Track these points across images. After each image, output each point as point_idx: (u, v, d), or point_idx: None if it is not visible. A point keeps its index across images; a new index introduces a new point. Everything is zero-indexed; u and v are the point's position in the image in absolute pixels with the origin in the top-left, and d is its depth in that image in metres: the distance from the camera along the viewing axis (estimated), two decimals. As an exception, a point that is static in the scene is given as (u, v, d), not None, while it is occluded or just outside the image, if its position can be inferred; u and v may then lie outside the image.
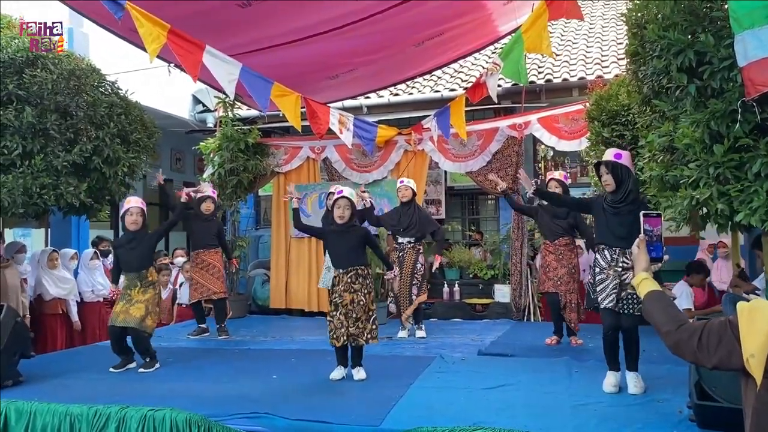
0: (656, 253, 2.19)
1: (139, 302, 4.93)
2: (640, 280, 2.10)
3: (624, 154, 4.00)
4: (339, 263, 4.54)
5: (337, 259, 4.57)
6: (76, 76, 5.76)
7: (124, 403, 3.77)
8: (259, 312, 9.07)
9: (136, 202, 5.09)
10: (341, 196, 4.49)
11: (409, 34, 6.88)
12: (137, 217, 5.02)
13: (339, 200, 4.50)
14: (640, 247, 2.17)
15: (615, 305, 3.92)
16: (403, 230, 6.28)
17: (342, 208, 4.48)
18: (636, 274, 2.13)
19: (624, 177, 3.94)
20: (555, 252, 5.80)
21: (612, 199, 4.00)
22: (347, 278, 4.45)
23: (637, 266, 2.15)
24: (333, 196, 5.03)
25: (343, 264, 4.50)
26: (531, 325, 7.48)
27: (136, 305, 4.92)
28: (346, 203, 4.49)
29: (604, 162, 3.99)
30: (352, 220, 4.56)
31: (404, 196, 6.32)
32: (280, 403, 3.78)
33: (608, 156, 4.01)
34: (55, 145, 5.57)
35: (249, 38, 6.37)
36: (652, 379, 4.10)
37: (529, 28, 5.49)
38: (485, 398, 3.92)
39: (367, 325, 4.45)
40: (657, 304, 1.99)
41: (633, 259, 2.19)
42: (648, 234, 2.21)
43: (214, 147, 8.36)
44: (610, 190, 4.01)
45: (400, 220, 6.31)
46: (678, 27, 3.20)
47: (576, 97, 8.29)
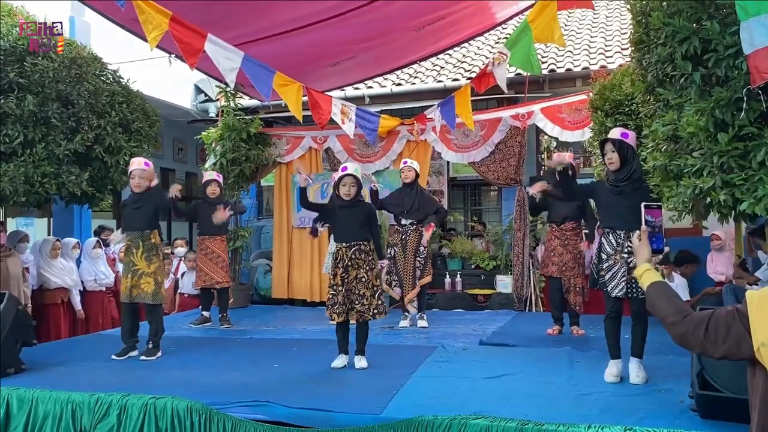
0: (657, 245, 2.18)
1: (146, 275, 4.97)
2: (642, 271, 2.08)
3: (630, 134, 3.98)
4: (343, 237, 4.55)
5: (342, 233, 4.58)
6: (78, 65, 5.74)
7: (125, 391, 3.77)
8: (261, 302, 9.08)
9: (138, 164, 5.05)
10: (346, 174, 4.50)
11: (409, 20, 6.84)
12: (139, 180, 5.00)
13: (345, 177, 4.50)
14: (642, 239, 2.16)
15: (625, 293, 3.91)
16: (407, 212, 6.26)
17: (348, 185, 4.49)
18: (638, 265, 2.12)
19: (629, 156, 3.92)
20: (561, 237, 5.78)
21: (615, 178, 3.97)
22: (350, 253, 4.47)
23: (638, 257, 2.14)
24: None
25: (347, 238, 4.52)
26: (533, 315, 7.47)
27: (145, 279, 4.96)
28: (352, 180, 4.50)
29: (610, 139, 3.96)
30: (358, 196, 4.57)
31: (407, 177, 6.29)
32: (282, 392, 3.78)
33: (615, 134, 3.98)
34: (56, 134, 5.57)
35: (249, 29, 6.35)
36: (655, 369, 4.10)
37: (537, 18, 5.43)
38: (487, 388, 3.91)
39: (373, 301, 4.46)
40: (661, 295, 1.98)
41: (634, 250, 2.18)
42: (649, 225, 2.20)
43: (215, 137, 8.34)
44: (614, 169, 3.97)
45: (404, 201, 6.28)
46: (683, 14, 3.16)
47: (579, 87, 8.26)
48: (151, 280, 4.97)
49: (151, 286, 4.96)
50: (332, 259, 4.62)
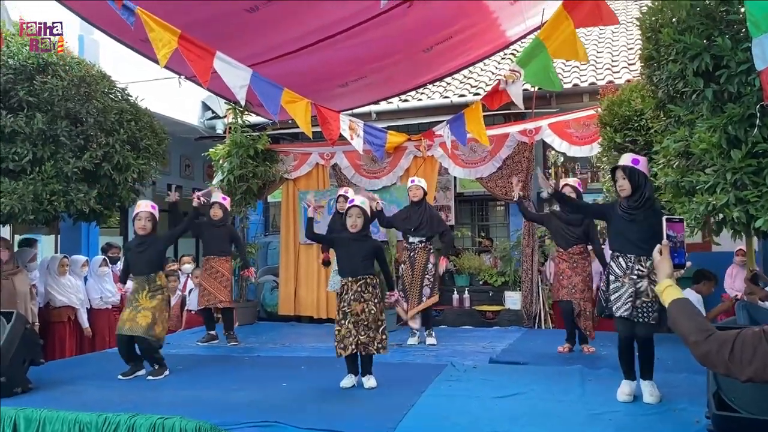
0: (679, 260, 2.13)
1: (145, 309, 4.89)
2: (664, 287, 2.03)
3: (641, 159, 3.93)
4: (348, 271, 4.49)
5: (347, 267, 4.52)
6: (87, 83, 5.77)
7: (133, 410, 3.74)
8: (267, 318, 9.05)
9: (145, 206, 5.05)
10: (353, 205, 4.47)
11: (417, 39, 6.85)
12: (146, 222, 4.98)
13: (351, 209, 4.47)
14: (663, 253, 2.10)
15: (630, 314, 3.85)
16: (414, 230, 6.24)
17: (354, 217, 4.45)
18: (659, 281, 2.07)
19: (640, 183, 3.87)
20: (569, 260, 5.73)
21: (628, 206, 3.93)
22: (356, 287, 4.41)
23: (660, 273, 2.08)
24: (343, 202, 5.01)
25: (353, 272, 4.46)
26: (542, 332, 7.41)
27: (143, 312, 4.88)
28: (358, 212, 4.46)
29: (621, 167, 3.92)
30: (364, 229, 4.52)
31: (415, 195, 6.28)
32: (291, 412, 3.74)
33: (625, 161, 3.93)
34: (65, 152, 5.58)
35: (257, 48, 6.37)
36: (668, 388, 4.03)
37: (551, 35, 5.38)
38: (498, 407, 3.86)
39: (377, 335, 4.40)
40: (683, 312, 1.92)
41: (655, 266, 2.13)
42: (671, 240, 2.15)
43: (223, 153, 8.36)
44: (625, 195, 3.94)
45: (411, 218, 6.26)
46: (694, 30, 3.16)
47: (587, 102, 8.24)
48: (149, 313, 4.86)
49: (147, 319, 4.84)
50: (336, 293, 4.56)
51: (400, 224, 6.38)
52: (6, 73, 5.38)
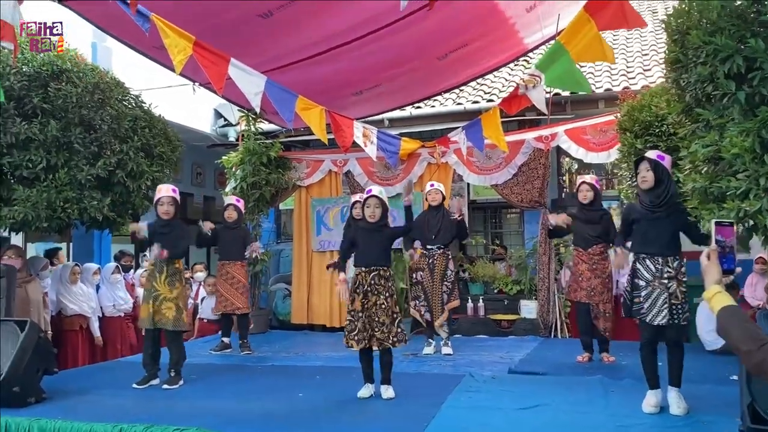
0: (728, 265, 2.04)
1: (167, 300, 4.88)
2: (713, 293, 1.93)
3: (667, 157, 3.86)
4: (363, 260, 4.44)
5: (363, 257, 4.46)
6: (101, 90, 5.74)
7: (149, 421, 3.68)
8: (279, 327, 8.97)
9: (167, 190, 5.04)
10: (371, 195, 4.43)
11: (432, 47, 6.79)
12: (168, 206, 4.98)
13: (369, 199, 4.42)
14: (711, 258, 2.01)
15: (668, 321, 3.76)
16: (434, 237, 6.15)
17: (372, 207, 4.41)
18: (707, 287, 1.98)
19: (663, 177, 3.79)
20: (588, 261, 5.63)
21: (650, 202, 3.83)
22: (370, 278, 4.35)
23: (707, 278, 1.99)
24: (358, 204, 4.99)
25: (367, 262, 4.40)
26: (559, 341, 7.29)
27: (166, 304, 4.87)
28: (377, 202, 4.42)
29: (647, 158, 3.83)
30: (382, 219, 4.47)
31: (434, 200, 6.20)
32: (308, 423, 3.68)
33: (650, 155, 3.86)
34: (79, 159, 5.54)
35: (271, 55, 6.34)
36: (694, 399, 3.92)
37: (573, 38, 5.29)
38: (521, 419, 3.77)
39: (392, 329, 4.33)
40: (734, 320, 1.83)
41: (702, 271, 2.04)
42: (720, 244, 2.06)
43: (236, 161, 8.32)
44: (646, 188, 3.82)
45: (429, 225, 6.17)
46: (725, 32, 3.07)
47: (602, 108, 8.15)
48: (173, 305, 4.89)
49: (172, 311, 4.88)
50: (351, 284, 4.50)
51: (418, 233, 6.31)
52: (20, 80, 5.36)
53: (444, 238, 6.17)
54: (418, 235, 6.27)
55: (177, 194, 5.07)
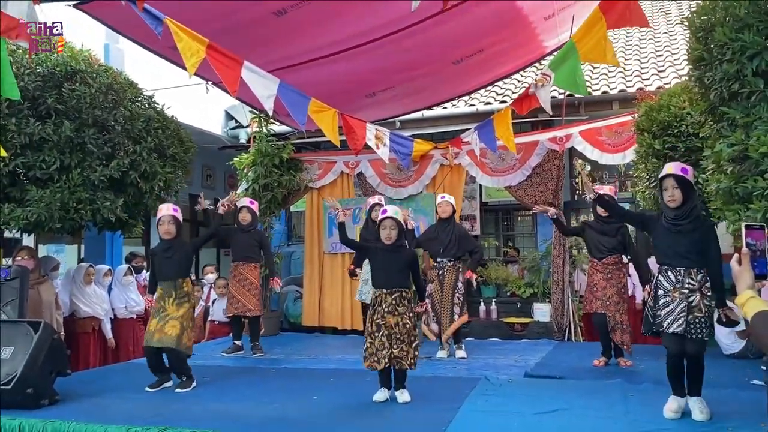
0: (760, 269, 1.97)
1: (173, 319, 4.79)
2: (746, 298, 1.87)
3: (689, 169, 3.77)
4: (383, 283, 4.36)
5: (381, 279, 4.39)
6: (114, 90, 5.73)
7: (162, 424, 3.64)
8: (290, 329, 8.94)
9: (167, 210, 4.95)
10: (387, 217, 4.34)
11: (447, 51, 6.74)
12: (169, 226, 4.89)
13: (385, 221, 4.35)
14: (743, 263, 1.95)
15: (684, 330, 3.66)
16: (443, 250, 6.09)
17: (388, 228, 4.34)
18: (740, 293, 1.92)
19: (690, 193, 3.72)
20: (603, 271, 5.54)
21: (675, 216, 3.76)
22: (391, 299, 4.27)
23: (740, 284, 1.93)
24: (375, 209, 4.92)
25: (387, 284, 4.32)
26: (574, 345, 7.21)
27: (171, 322, 4.78)
28: (392, 223, 4.34)
29: (674, 175, 3.73)
30: (399, 240, 4.39)
31: (444, 212, 6.14)
32: (324, 427, 3.62)
33: (675, 170, 3.75)
34: (92, 160, 5.53)
35: (284, 54, 6.30)
36: (716, 405, 3.83)
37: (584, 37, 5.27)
38: (540, 424, 3.70)
39: (410, 350, 4.26)
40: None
41: (734, 276, 1.97)
42: (751, 248, 1.99)
43: (248, 162, 8.31)
44: (675, 206, 3.76)
45: (440, 237, 6.12)
46: (752, 28, 3.00)
47: (616, 109, 8.08)
48: (177, 323, 4.77)
49: (175, 329, 4.74)
50: (370, 305, 4.43)
51: (429, 245, 6.25)
52: (34, 80, 5.35)
53: (454, 251, 6.11)
54: (428, 248, 6.22)
55: (178, 213, 4.97)
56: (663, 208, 3.89)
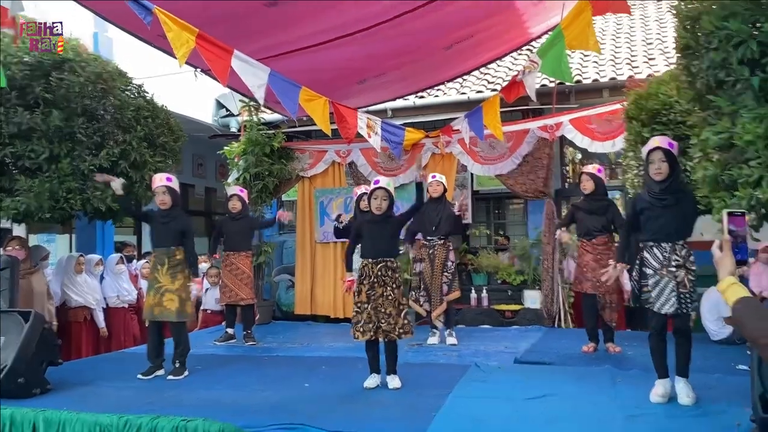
0: (742, 256, 2.00)
1: (169, 291, 4.85)
2: (727, 285, 1.89)
3: (675, 144, 3.84)
4: (370, 252, 4.41)
5: (369, 249, 4.44)
6: (103, 79, 5.68)
7: (155, 412, 3.65)
8: (283, 318, 8.97)
9: (161, 180, 4.95)
10: (378, 187, 4.39)
11: (438, 37, 6.74)
12: (164, 196, 4.91)
13: (377, 191, 4.38)
14: (725, 249, 1.97)
15: (676, 309, 3.73)
16: (435, 228, 6.13)
17: (380, 199, 4.37)
18: (721, 279, 1.94)
19: (675, 166, 3.78)
20: (593, 252, 5.59)
21: (660, 190, 3.80)
22: (377, 270, 4.33)
23: (721, 270, 1.95)
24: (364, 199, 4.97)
25: (374, 254, 4.38)
26: (564, 331, 7.26)
27: (167, 296, 4.85)
28: (384, 194, 4.39)
29: (661, 148, 3.78)
30: (389, 210, 4.44)
31: (435, 191, 6.16)
32: (316, 414, 3.64)
33: (663, 143, 3.82)
34: (82, 149, 5.49)
35: (275, 41, 6.28)
36: (702, 389, 3.90)
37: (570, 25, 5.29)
38: (530, 409, 3.74)
39: (398, 320, 4.31)
40: (750, 311, 1.79)
41: (715, 262, 2.00)
42: (733, 234, 2.02)
43: (238, 151, 8.29)
44: (661, 179, 3.80)
45: (430, 217, 6.14)
46: (739, 16, 3.02)
47: (606, 98, 8.10)
48: (175, 296, 4.86)
49: (174, 303, 4.86)
50: (357, 275, 4.48)
51: (419, 225, 6.27)
52: (22, 69, 5.30)
53: (444, 230, 6.14)
54: (419, 227, 6.25)
55: (173, 182, 4.98)
56: (647, 183, 3.93)
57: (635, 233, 4.10)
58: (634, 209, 4.07)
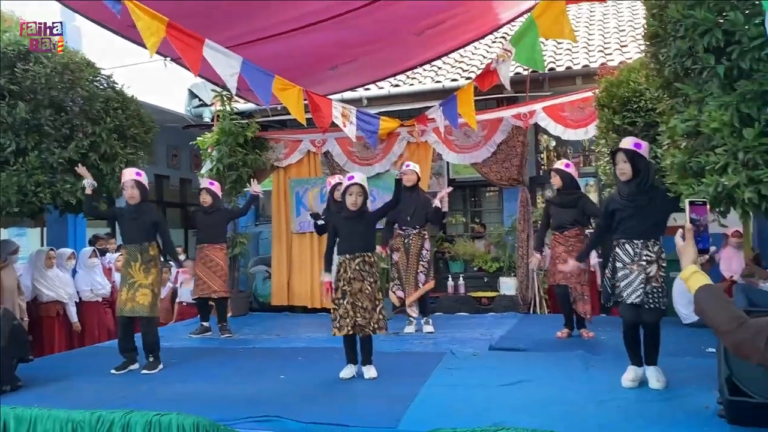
0: (703, 244, 2.02)
1: (143, 287, 4.81)
2: (689, 273, 1.91)
3: (643, 144, 3.86)
4: (347, 248, 4.42)
5: (346, 245, 4.45)
6: (71, 70, 5.56)
7: (128, 407, 3.63)
8: (260, 309, 8.92)
9: (130, 174, 4.94)
10: (354, 183, 4.39)
11: (410, 23, 6.70)
12: (132, 190, 4.88)
13: (351, 187, 4.39)
14: (687, 238, 1.99)
15: (641, 300, 3.77)
16: (410, 218, 6.13)
17: (355, 195, 4.38)
18: (684, 267, 1.96)
19: (641, 167, 3.80)
20: (565, 244, 5.65)
21: (629, 192, 3.85)
22: (354, 264, 4.35)
23: (684, 259, 1.97)
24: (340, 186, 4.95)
25: (351, 249, 4.39)
26: (538, 317, 7.35)
27: (141, 290, 4.80)
28: (359, 190, 4.39)
29: (623, 150, 3.84)
30: (364, 206, 4.46)
31: (409, 180, 6.15)
32: (291, 405, 3.64)
33: (627, 144, 3.86)
34: (49, 142, 5.39)
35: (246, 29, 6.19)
36: (673, 373, 3.98)
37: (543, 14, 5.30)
38: (503, 395, 3.79)
39: (374, 315, 4.33)
40: (712, 299, 1.81)
41: (678, 251, 2.02)
42: (695, 223, 2.04)
43: (212, 142, 8.19)
44: (625, 180, 3.86)
45: (404, 206, 6.13)
46: (704, 5, 3.04)
47: (580, 85, 8.14)
48: (148, 291, 4.82)
49: (147, 297, 4.81)
50: (336, 271, 4.48)
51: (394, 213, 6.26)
52: (-15, 60, 5.19)
53: (419, 219, 6.16)
54: (394, 216, 6.25)
55: (142, 177, 4.95)
56: (617, 184, 3.98)
57: (608, 234, 4.11)
58: (606, 210, 4.11)
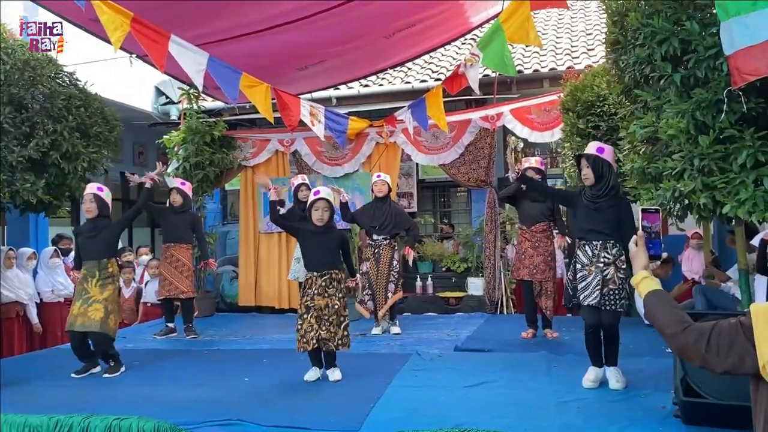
0: (655, 251, 2.09)
1: (97, 302, 4.67)
2: (640, 278, 1.98)
3: (607, 148, 3.92)
4: (313, 266, 4.38)
5: (312, 261, 4.41)
6: (31, 67, 5.45)
7: (87, 411, 3.56)
8: (227, 310, 8.84)
9: (90, 188, 4.87)
10: (320, 198, 4.35)
11: (380, 25, 6.73)
12: (90, 204, 4.79)
13: (317, 202, 4.35)
14: (639, 245, 2.05)
15: (598, 302, 3.84)
16: (379, 227, 6.14)
17: (321, 210, 4.35)
18: (635, 272, 2.02)
19: (605, 172, 3.87)
20: (531, 239, 5.73)
21: (592, 194, 3.92)
22: (321, 281, 4.31)
23: (636, 264, 2.03)
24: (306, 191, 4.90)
25: (318, 267, 4.35)
26: (505, 318, 7.43)
27: (94, 306, 4.66)
28: (325, 205, 4.36)
29: (585, 155, 3.91)
30: (331, 221, 4.42)
31: (380, 191, 6.18)
32: (254, 408, 3.62)
33: (590, 149, 3.92)
34: (9, 140, 5.28)
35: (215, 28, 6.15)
36: (632, 373, 4.06)
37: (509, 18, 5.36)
38: (466, 397, 3.82)
39: (338, 331, 4.31)
40: (659, 304, 1.88)
41: (631, 257, 2.08)
42: (647, 230, 2.11)
43: (178, 140, 8.09)
44: (589, 184, 3.93)
45: (375, 216, 6.16)
46: (662, 14, 3.12)
47: (547, 88, 8.25)
48: (101, 306, 4.66)
49: (99, 313, 4.64)
50: (299, 284, 4.46)
51: (365, 222, 6.28)
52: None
53: (390, 229, 6.17)
54: (364, 225, 6.26)
55: (103, 192, 4.86)
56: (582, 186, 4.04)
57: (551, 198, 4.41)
58: (571, 196, 4.21)
